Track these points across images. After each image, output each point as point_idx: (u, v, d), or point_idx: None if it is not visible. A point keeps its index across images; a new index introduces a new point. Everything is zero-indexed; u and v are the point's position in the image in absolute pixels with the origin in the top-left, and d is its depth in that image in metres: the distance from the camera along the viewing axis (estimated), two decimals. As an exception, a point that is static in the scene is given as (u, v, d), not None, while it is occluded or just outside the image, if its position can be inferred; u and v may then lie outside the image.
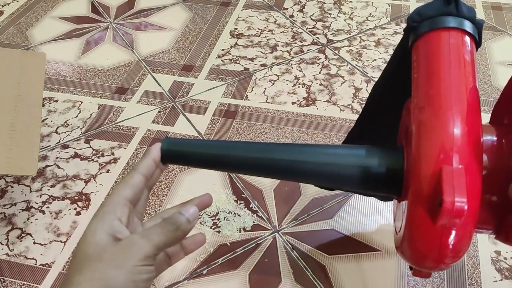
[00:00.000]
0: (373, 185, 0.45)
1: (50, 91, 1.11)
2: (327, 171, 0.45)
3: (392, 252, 0.76)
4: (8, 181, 0.91)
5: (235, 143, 0.47)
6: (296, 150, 0.46)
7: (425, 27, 0.47)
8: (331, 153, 0.46)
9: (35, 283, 0.75)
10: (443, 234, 0.37)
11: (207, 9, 1.38)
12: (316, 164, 0.46)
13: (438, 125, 0.40)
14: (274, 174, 0.48)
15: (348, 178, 0.45)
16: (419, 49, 0.47)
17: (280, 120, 1.00)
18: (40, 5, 1.42)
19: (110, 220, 0.38)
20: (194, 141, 0.47)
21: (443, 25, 0.46)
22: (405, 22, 0.52)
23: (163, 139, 0.46)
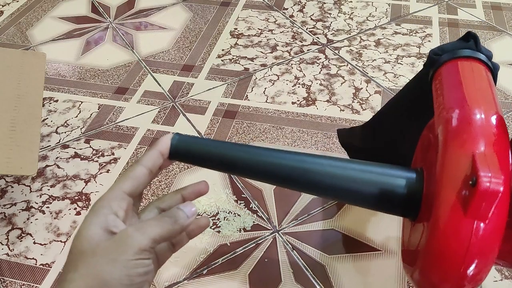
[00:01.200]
0: (388, 204, 0.44)
1: (50, 91, 1.11)
2: (343, 184, 0.44)
3: (392, 252, 0.76)
4: (8, 181, 0.91)
5: (247, 147, 0.46)
6: (313, 161, 0.45)
7: (446, 57, 0.51)
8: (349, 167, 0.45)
9: (35, 283, 0.75)
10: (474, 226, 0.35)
11: (207, 9, 1.38)
12: (333, 176, 0.44)
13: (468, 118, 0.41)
14: (288, 183, 0.47)
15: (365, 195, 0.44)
16: (442, 73, 0.51)
17: (280, 120, 1.00)
18: (40, 5, 1.42)
19: (105, 215, 0.37)
20: (205, 141, 0.46)
21: (462, 54, 0.50)
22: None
23: (173, 134, 0.45)
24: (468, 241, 0.35)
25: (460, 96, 0.45)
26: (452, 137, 0.41)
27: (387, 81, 1.09)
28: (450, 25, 1.27)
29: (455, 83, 0.47)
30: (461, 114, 0.42)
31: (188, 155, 0.45)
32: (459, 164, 0.38)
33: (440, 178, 0.39)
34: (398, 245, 0.77)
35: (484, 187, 0.33)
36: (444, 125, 0.42)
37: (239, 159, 0.45)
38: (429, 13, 1.32)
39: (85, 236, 0.36)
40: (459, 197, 0.36)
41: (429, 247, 0.39)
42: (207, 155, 0.45)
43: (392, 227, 0.79)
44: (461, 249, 0.35)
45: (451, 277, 0.37)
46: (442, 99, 0.47)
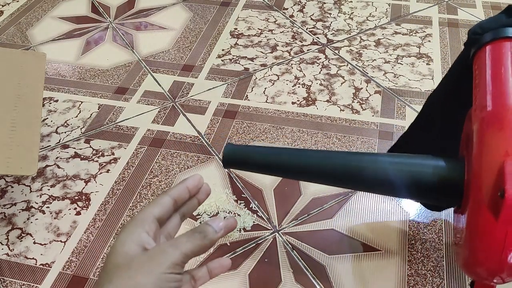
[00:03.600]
0: (431, 194, 0.45)
1: (50, 91, 1.11)
2: (391, 179, 0.46)
3: (392, 252, 0.76)
4: (8, 181, 0.91)
5: (294, 151, 0.49)
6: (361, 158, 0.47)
7: (487, 37, 0.48)
8: (391, 161, 0.47)
9: (35, 283, 0.75)
10: (507, 230, 0.36)
11: (207, 9, 1.38)
12: (381, 171, 0.46)
13: (501, 122, 0.40)
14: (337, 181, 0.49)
15: (407, 186, 0.45)
16: (481, 58, 0.48)
17: (280, 120, 1.00)
18: (40, 5, 1.42)
19: (139, 232, 0.39)
20: (255, 148, 0.48)
21: (504, 34, 0.47)
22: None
23: (225, 145, 0.47)
24: (502, 244, 0.36)
25: (498, 91, 0.43)
26: (485, 143, 0.40)
27: (387, 81, 1.09)
28: (450, 25, 1.27)
29: (493, 74, 0.45)
30: (496, 115, 0.41)
31: (241, 163, 0.47)
32: (490, 170, 0.37)
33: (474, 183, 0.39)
34: (398, 245, 0.77)
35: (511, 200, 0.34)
36: (479, 126, 0.42)
37: (287, 163, 0.47)
38: (429, 13, 1.32)
39: (121, 251, 0.38)
40: (491, 203, 0.36)
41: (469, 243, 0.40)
42: (257, 161, 0.47)
43: (392, 227, 0.79)
44: (496, 251, 0.37)
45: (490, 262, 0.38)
46: (478, 91, 0.45)
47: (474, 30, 0.50)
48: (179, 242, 0.39)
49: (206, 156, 0.93)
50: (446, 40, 1.21)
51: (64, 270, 0.76)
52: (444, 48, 1.19)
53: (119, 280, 0.36)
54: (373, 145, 0.93)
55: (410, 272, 0.73)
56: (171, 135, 0.98)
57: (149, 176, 0.90)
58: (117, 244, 0.38)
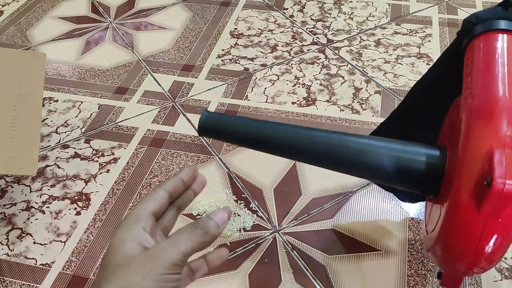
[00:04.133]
0: (410, 180, 0.45)
1: (50, 91, 1.11)
2: (369, 160, 0.45)
3: (392, 252, 0.76)
4: (8, 181, 0.91)
5: (274, 124, 0.47)
6: (340, 138, 0.46)
7: (480, 28, 0.49)
8: (373, 144, 0.46)
9: (35, 283, 0.75)
10: (487, 222, 0.35)
11: (207, 9, 1.38)
12: (357, 151, 0.45)
13: (490, 112, 0.40)
14: (313, 158, 0.47)
15: (386, 169, 0.45)
16: (474, 48, 0.48)
17: (280, 120, 1.00)
18: (40, 5, 1.42)
19: (137, 229, 0.39)
20: (232, 117, 0.47)
21: (497, 27, 0.47)
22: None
23: (202, 112, 0.45)
24: (480, 235, 0.36)
25: (488, 82, 0.43)
26: (473, 132, 0.39)
27: (387, 81, 1.09)
28: (450, 25, 1.27)
29: (485, 64, 0.45)
30: (486, 105, 0.41)
31: (217, 131, 0.46)
32: (477, 159, 0.37)
33: (459, 171, 0.39)
34: (398, 245, 0.77)
35: (498, 189, 0.33)
36: (468, 115, 0.41)
37: (263, 136, 0.46)
38: (429, 13, 1.32)
39: (119, 250, 0.37)
40: (474, 192, 0.36)
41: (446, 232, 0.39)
42: (233, 131, 0.46)
43: (392, 227, 0.79)
44: (473, 241, 0.36)
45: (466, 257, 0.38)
46: (470, 80, 0.45)
47: (469, 19, 0.51)
48: (179, 240, 0.38)
49: (206, 156, 0.93)
50: (446, 40, 1.21)
51: (64, 270, 0.76)
52: (444, 48, 1.19)
53: (119, 280, 0.36)
54: (373, 145, 0.93)
55: (410, 272, 0.73)
56: (171, 135, 0.98)
57: (149, 176, 0.90)
58: (115, 242, 0.38)
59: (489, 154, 0.36)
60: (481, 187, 0.35)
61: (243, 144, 0.47)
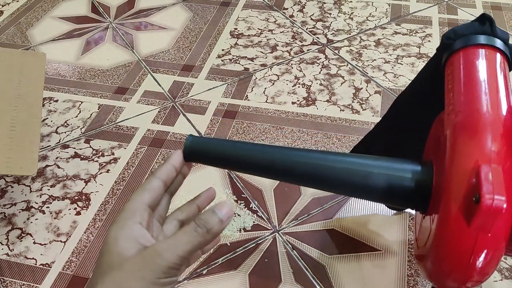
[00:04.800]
0: (398, 198, 0.45)
1: (50, 91, 1.11)
2: (354, 179, 0.45)
3: (392, 252, 0.76)
4: (8, 181, 0.91)
5: (260, 146, 0.46)
6: (324, 157, 0.46)
7: (459, 43, 0.49)
8: (359, 162, 0.46)
9: (35, 283, 0.75)
10: (478, 237, 0.35)
11: (207, 9, 1.38)
12: (344, 171, 0.45)
13: (475, 128, 0.40)
14: (300, 179, 0.47)
15: (373, 188, 0.44)
16: (454, 64, 0.49)
17: (280, 120, 1.00)
18: (40, 5, 1.42)
19: (131, 225, 0.37)
20: (218, 141, 0.47)
21: (478, 41, 0.48)
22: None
23: (186, 136, 0.45)
24: (471, 251, 0.36)
25: (470, 97, 0.43)
26: (459, 148, 0.40)
27: (387, 81, 1.09)
28: (450, 25, 1.26)
29: (466, 79, 0.45)
30: (469, 121, 0.41)
31: (202, 156, 0.45)
32: (464, 175, 0.37)
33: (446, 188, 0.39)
34: (398, 245, 0.77)
35: (487, 205, 0.33)
36: (452, 131, 0.42)
37: (250, 159, 0.45)
38: (429, 13, 1.32)
39: (114, 250, 0.36)
40: (463, 208, 0.36)
41: (437, 248, 0.39)
42: (219, 155, 0.46)
43: (392, 227, 0.79)
44: (465, 257, 0.36)
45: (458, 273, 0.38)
46: (452, 96, 0.45)
47: (447, 35, 0.51)
48: (177, 243, 0.36)
49: (206, 156, 0.93)
50: (446, 40, 1.21)
51: (64, 270, 0.76)
52: (444, 48, 1.18)
53: (111, 282, 0.34)
54: (373, 145, 0.93)
55: (410, 272, 0.73)
56: (171, 135, 0.98)
57: (149, 176, 0.90)
58: (109, 241, 0.37)
59: (476, 169, 0.36)
60: (469, 203, 0.35)
61: (230, 167, 0.47)
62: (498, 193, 0.34)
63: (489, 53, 0.47)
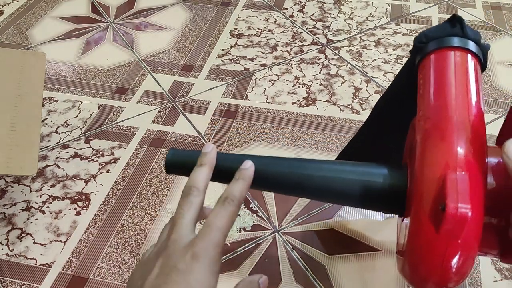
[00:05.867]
0: (375, 202, 0.45)
1: (50, 91, 1.11)
2: (331, 186, 0.45)
3: (392, 252, 0.76)
4: (8, 181, 0.91)
5: (238, 156, 0.47)
6: (301, 165, 0.46)
7: (431, 46, 0.49)
8: (336, 169, 0.46)
9: (35, 283, 0.75)
10: (447, 244, 0.36)
11: (207, 9, 1.38)
12: (321, 179, 0.45)
13: (443, 134, 0.40)
14: (276, 188, 0.48)
15: (350, 194, 0.45)
16: (425, 67, 0.48)
17: (280, 120, 1.00)
18: (40, 5, 1.42)
19: None
20: (197, 153, 0.47)
21: (449, 44, 0.47)
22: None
23: (169, 149, 0.46)
24: (442, 256, 0.36)
25: (439, 103, 0.43)
26: (427, 155, 0.40)
27: (387, 81, 1.09)
28: (450, 25, 1.26)
29: (436, 84, 0.45)
30: (437, 127, 0.41)
31: (183, 169, 0.46)
32: (432, 182, 0.37)
33: (415, 194, 0.39)
34: (398, 245, 0.77)
35: (452, 214, 0.34)
36: (421, 137, 0.42)
37: (227, 169, 0.46)
38: (429, 13, 1.32)
39: None
40: (432, 215, 0.37)
41: (410, 253, 0.40)
42: None
43: (392, 227, 0.79)
44: (437, 262, 0.37)
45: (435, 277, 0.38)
46: (422, 101, 0.46)
47: (419, 38, 0.50)
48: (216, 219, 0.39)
49: (206, 156, 0.93)
50: (446, 40, 1.21)
51: (64, 270, 0.76)
52: (444, 48, 1.19)
53: None
54: (373, 145, 0.93)
55: None
56: (171, 135, 0.98)
57: (149, 176, 0.90)
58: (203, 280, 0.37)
59: (443, 177, 0.36)
60: (437, 210, 0.36)
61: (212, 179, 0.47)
62: (463, 201, 0.34)
63: (460, 56, 0.47)
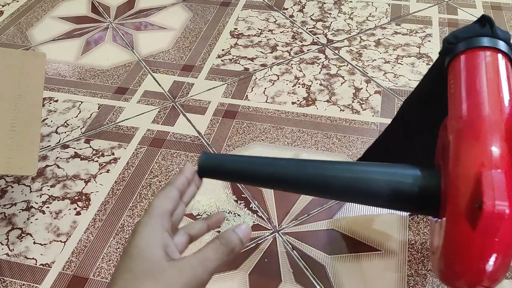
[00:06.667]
0: (408, 204, 0.45)
1: (50, 91, 1.11)
2: (363, 188, 0.46)
3: (392, 252, 0.76)
4: (8, 181, 0.91)
5: (270, 160, 0.48)
6: (333, 167, 0.47)
7: (461, 47, 0.49)
8: (366, 170, 0.47)
9: (35, 283, 0.75)
10: (484, 242, 0.36)
11: (207, 9, 1.38)
12: (355, 181, 0.46)
13: (476, 133, 0.40)
14: (309, 190, 0.48)
15: (383, 195, 0.45)
16: (456, 68, 0.48)
17: (280, 120, 1.00)
18: (40, 5, 1.42)
19: (161, 233, 0.38)
20: (230, 156, 0.48)
21: (479, 44, 0.48)
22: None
23: (201, 154, 0.46)
24: (479, 255, 0.36)
25: (472, 102, 0.43)
26: (461, 154, 0.40)
27: (387, 81, 1.09)
28: (450, 25, 1.27)
29: (468, 84, 0.45)
30: (471, 126, 0.41)
31: (216, 172, 0.47)
32: (467, 181, 0.37)
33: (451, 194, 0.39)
34: (398, 245, 0.77)
35: (489, 212, 0.34)
36: (455, 137, 0.42)
37: (261, 172, 0.47)
38: (429, 13, 1.32)
39: (147, 256, 0.36)
40: (468, 214, 0.36)
41: (446, 252, 0.40)
42: (231, 169, 0.47)
43: (392, 227, 0.79)
44: (474, 261, 0.37)
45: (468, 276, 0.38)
46: (454, 102, 0.45)
47: (448, 39, 0.51)
48: (207, 260, 0.37)
49: (206, 156, 0.93)
50: (446, 40, 1.21)
51: (64, 270, 0.76)
52: (444, 48, 1.19)
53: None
54: (373, 145, 0.93)
55: (410, 272, 0.73)
56: (171, 135, 0.98)
57: (149, 176, 0.90)
58: (141, 245, 0.37)
59: (478, 175, 0.36)
60: (474, 209, 0.36)
61: (243, 182, 0.48)
62: (500, 199, 0.34)
63: (490, 55, 0.47)
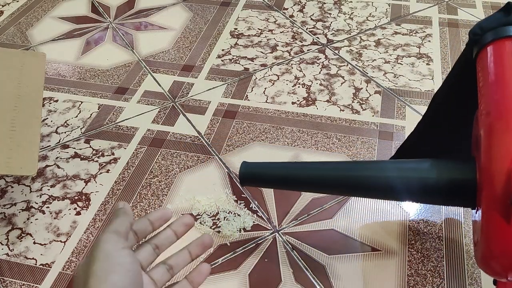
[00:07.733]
0: (447, 198, 0.46)
1: (50, 91, 1.11)
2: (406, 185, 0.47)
3: (392, 252, 0.76)
4: (8, 181, 0.91)
5: (308, 164, 0.49)
6: (372, 167, 0.48)
7: (488, 37, 0.48)
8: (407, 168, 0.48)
9: (35, 283, 0.75)
10: None
11: (207, 9, 1.38)
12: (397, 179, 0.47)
13: (506, 126, 0.40)
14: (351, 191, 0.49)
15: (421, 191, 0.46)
16: (483, 59, 0.48)
17: (280, 120, 1.00)
18: (40, 5, 1.42)
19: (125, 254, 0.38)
20: (268, 164, 0.49)
21: (506, 34, 0.47)
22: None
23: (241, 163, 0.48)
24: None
25: (502, 95, 0.43)
26: (492, 150, 0.40)
27: (387, 81, 1.09)
28: (450, 25, 1.27)
29: (496, 77, 0.45)
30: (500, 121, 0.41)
31: (256, 180, 0.48)
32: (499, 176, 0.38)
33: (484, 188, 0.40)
34: (398, 245, 0.77)
35: None
36: (485, 131, 0.42)
37: (302, 177, 0.47)
38: (429, 13, 1.32)
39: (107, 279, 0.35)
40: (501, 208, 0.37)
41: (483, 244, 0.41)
42: (273, 176, 0.48)
43: (392, 227, 0.79)
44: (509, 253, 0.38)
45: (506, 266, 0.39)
46: (483, 95, 0.45)
47: (474, 31, 0.50)
48: None
49: (206, 156, 0.93)
50: (446, 40, 1.21)
51: (64, 270, 0.76)
52: (444, 48, 1.19)
53: None
54: (373, 145, 0.93)
55: (410, 272, 0.73)
56: (171, 135, 0.98)
57: (149, 176, 0.90)
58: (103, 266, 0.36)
59: (510, 170, 0.37)
60: (506, 204, 0.36)
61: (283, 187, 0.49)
62: None
63: None
